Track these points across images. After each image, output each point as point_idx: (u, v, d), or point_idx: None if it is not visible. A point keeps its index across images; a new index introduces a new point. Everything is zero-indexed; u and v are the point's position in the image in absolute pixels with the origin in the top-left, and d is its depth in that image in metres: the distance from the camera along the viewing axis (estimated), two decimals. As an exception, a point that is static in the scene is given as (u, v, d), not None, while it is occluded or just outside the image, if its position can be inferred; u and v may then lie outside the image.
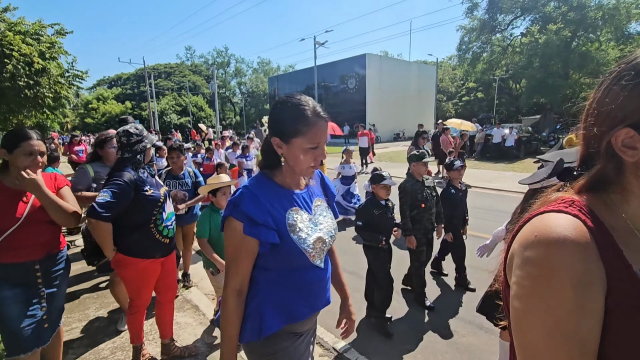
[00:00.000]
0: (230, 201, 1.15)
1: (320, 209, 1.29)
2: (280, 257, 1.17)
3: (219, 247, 2.63)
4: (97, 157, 2.99)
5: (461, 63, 25.02)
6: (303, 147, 1.10)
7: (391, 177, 2.99)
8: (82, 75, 12.37)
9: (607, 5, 17.45)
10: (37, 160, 1.84)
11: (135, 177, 2.13)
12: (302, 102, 1.11)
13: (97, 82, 57.18)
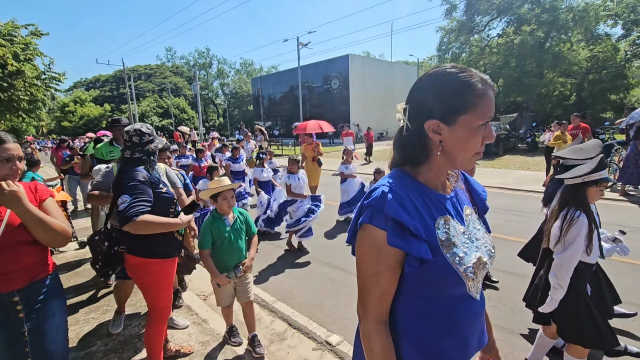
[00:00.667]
0: (368, 204, 0.89)
1: (472, 220, 1.01)
2: (428, 281, 0.91)
3: (224, 256, 2.54)
4: None
5: (441, 63, 25.57)
6: (473, 125, 0.85)
7: None
8: (59, 77, 12.06)
9: (577, 7, 18.24)
10: (15, 168, 1.55)
11: (148, 176, 2.07)
12: (464, 70, 0.87)
13: (74, 84, 55.36)
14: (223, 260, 2.52)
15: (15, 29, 10.56)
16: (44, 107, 13.50)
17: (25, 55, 10.44)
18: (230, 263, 2.52)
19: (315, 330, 2.97)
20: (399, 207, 0.85)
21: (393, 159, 1.01)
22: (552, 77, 20.45)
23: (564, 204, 2.04)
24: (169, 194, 2.17)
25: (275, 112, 39.24)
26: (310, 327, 3.01)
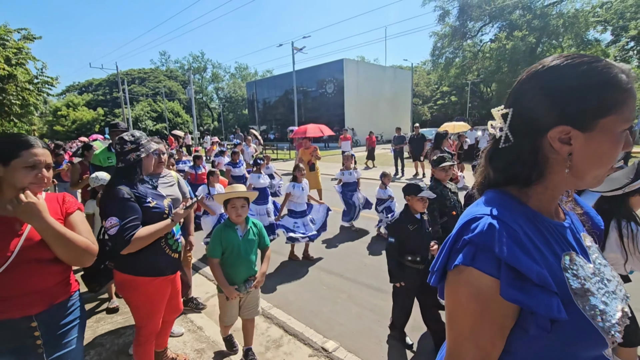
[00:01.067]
0: (470, 240, 0.67)
1: (597, 255, 0.77)
2: (554, 345, 0.66)
3: (232, 268, 2.39)
4: None
5: (435, 68, 25.88)
6: (616, 130, 0.64)
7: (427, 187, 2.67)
8: (52, 81, 11.97)
9: (567, 14, 18.62)
10: (41, 176, 1.37)
11: (133, 191, 1.91)
12: (598, 60, 0.66)
13: (66, 88, 54.92)
14: (232, 272, 2.37)
15: (8, 33, 10.47)
16: (36, 112, 13.36)
17: (18, 60, 10.35)
18: (239, 276, 2.39)
19: (311, 336, 2.96)
20: (515, 246, 0.63)
21: (486, 178, 0.79)
22: (544, 81, 20.80)
23: (610, 216, 1.88)
24: (158, 207, 2.01)
25: (270, 116, 39.25)
26: (307, 334, 3.00)
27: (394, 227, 2.72)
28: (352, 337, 2.99)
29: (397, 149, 11.69)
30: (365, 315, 3.29)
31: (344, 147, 13.18)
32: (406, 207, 2.74)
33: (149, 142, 2.07)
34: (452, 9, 22.05)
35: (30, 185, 1.34)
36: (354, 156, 6.07)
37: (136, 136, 2.03)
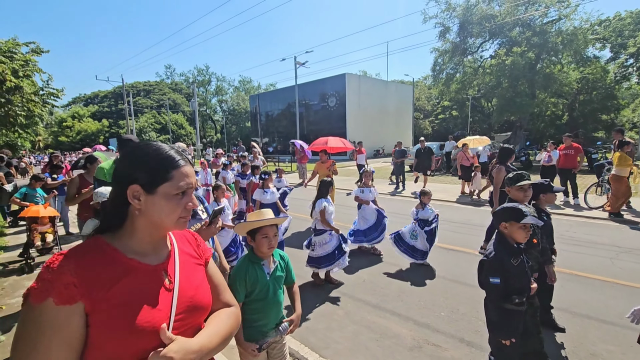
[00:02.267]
0: None
1: None
2: None
3: (261, 314, 1.92)
4: None
5: (436, 83, 26.12)
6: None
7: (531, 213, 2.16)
8: (57, 93, 12.15)
9: (566, 31, 18.86)
10: (192, 206, 0.95)
11: None
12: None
13: (72, 99, 55.79)
14: (260, 319, 1.91)
15: (16, 47, 10.71)
16: (41, 122, 13.53)
17: (25, 72, 10.55)
18: (269, 322, 1.94)
19: (306, 355, 2.89)
20: None
21: None
22: (544, 97, 20.93)
23: None
24: None
25: (273, 129, 39.55)
26: (302, 352, 2.93)
27: (498, 265, 2.14)
28: (348, 355, 2.92)
29: (398, 162, 11.71)
30: (362, 332, 3.22)
31: (359, 161, 12.76)
32: (501, 237, 2.23)
33: None
34: (452, 25, 22.40)
35: (178, 221, 0.93)
36: (373, 172, 5.63)
37: None
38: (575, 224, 6.68)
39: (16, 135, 13.02)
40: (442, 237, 6.05)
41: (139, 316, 0.84)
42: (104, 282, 0.83)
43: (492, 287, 2.15)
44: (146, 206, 0.87)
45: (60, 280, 0.79)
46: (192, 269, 1.03)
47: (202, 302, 1.00)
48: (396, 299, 3.85)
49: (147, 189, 0.87)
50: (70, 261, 0.82)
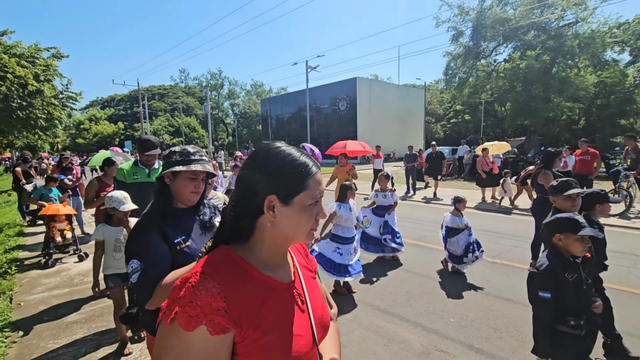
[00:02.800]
0: None
1: None
2: None
3: None
4: None
5: (448, 87, 25.89)
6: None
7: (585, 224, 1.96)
8: (75, 96, 12.51)
9: (583, 34, 18.47)
10: (323, 214, 0.86)
11: (163, 225, 1.45)
12: None
13: (90, 102, 57.36)
14: None
15: (38, 52, 11.10)
16: (60, 125, 13.94)
17: (45, 76, 10.92)
18: None
19: None
20: None
21: None
22: (560, 101, 20.50)
23: None
24: (190, 250, 1.47)
25: (283, 132, 39.79)
26: None
27: (549, 277, 1.93)
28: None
29: (409, 167, 11.64)
30: (370, 337, 3.21)
31: (376, 165, 12.38)
32: (555, 249, 2.03)
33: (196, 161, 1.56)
34: (465, 29, 22.21)
35: (309, 234, 0.84)
36: (390, 177, 5.39)
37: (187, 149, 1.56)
38: (501, 218, 6.49)
39: (36, 137, 13.44)
40: (453, 243, 5.98)
41: (291, 344, 0.76)
42: (251, 305, 0.73)
43: (540, 303, 1.93)
44: (280, 218, 0.77)
45: (210, 305, 0.67)
46: (313, 285, 0.94)
47: (327, 321, 0.91)
48: (405, 304, 3.82)
49: (284, 200, 0.76)
50: (214, 281, 0.70)
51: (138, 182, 3.12)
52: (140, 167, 3.22)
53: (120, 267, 2.85)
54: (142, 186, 3.12)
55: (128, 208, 2.83)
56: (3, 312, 3.54)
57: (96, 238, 2.85)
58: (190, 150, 1.55)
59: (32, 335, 3.18)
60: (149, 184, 3.06)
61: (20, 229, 7.35)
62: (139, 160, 3.23)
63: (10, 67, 9.58)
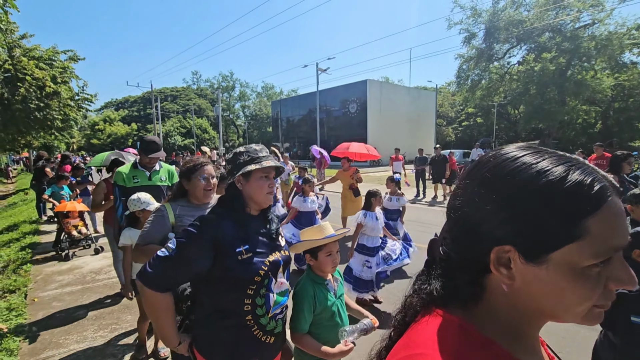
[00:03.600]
0: None
1: None
2: None
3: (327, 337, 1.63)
4: (182, 193, 2.02)
5: (460, 89, 25.65)
6: None
7: None
8: (91, 98, 12.81)
9: (600, 36, 18.08)
10: None
11: (217, 233, 1.29)
12: None
13: (104, 104, 58.68)
14: (326, 343, 1.61)
15: (55, 54, 11.41)
16: (75, 126, 14.29)
17: (62, 78, 11.21)
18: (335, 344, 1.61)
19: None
20: None
21: None
22: (575, 104, 20.09)
23: None
24: (253, 262, 1.31)
25: (293, 134, 39.94)
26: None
27: None
28: None
29: (419, 170, 11.53)
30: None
31: (396, 169, 11.86)
32: (634, 265, 1.80)
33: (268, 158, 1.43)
34: (478, 31, 21.99)
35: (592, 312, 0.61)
36: (398, 181, 5.17)
37: (255, 149, 1.43)
38: None
39: (53, 137, 13.81)
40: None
41: None
42: None
43: (631, 331, 1.62)
44: (523, 281, 0.47)
45: None
46: None
47: None
48: (413, 308, 3.77)
49: (530, 254, 0.45)
50: None
51: (138, 187, 2.95)
52: (140, 169, 3.04)
53: None
54: (143, 190, 2.94)
55: (154, 207, 2.51)
56: (18, 308, 3.63)
57: (124, 243, 2.66)
58: (257, 148, 1.43)
59: (45, 330, 3.25)
60: (150, 188, 2.96)
61: (35, 227, 7.53)
62: (139, 162, 3.07)
63: (29, 69, 9.87)
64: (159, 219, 1.88)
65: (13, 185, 19.42)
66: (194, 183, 1.94)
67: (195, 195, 1.96)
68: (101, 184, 3.90)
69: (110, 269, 4.87)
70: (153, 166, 3.07)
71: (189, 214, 1.91)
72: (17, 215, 9.19)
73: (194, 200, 1.99)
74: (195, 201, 1.99)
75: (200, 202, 1.98)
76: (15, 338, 3.06)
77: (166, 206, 1.93)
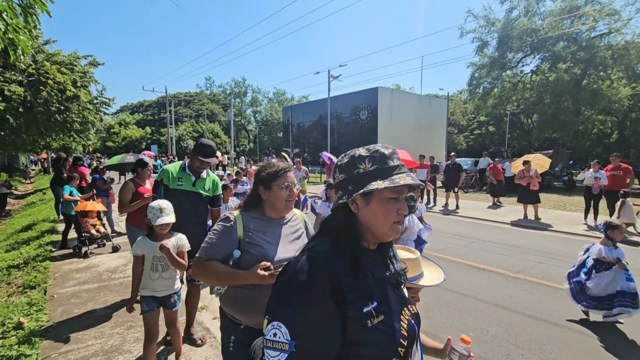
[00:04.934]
0: None
1: None
2: None
3: None
4: (257, 202, 1.69)
5: (472, 97, 25.44)
6: None
7: None
8: (109, 102, 13.19)
9: (617, 45, 17.79)
10: None
11: (336, 271, 0.86)
12: None
13: (120, 108, 60.02)
14: None
15: (76, 59, 11.82)
16: (92, 129, 14.71)
17: (82, 82, 11.60)
18: None
19: None
20: None
21: None
22: (591, 114, 19.74)
23: None
24: (387, 331, 0.86)
25: (304, 140, 40.15)
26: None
27: None
28: None
29: (431, 177, 11.49)
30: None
31: (419, 177, 11.09)
32: None
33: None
34: (491, 40, 21.81)
35: None
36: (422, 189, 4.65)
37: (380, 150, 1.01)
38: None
39: (71, 139, 14.24)
40: (475, 256, 5.87)
41: None
42: None
43: None
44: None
45: None
46: None
47: None
48: (423, 316, 3.76)
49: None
50: None
51: (180, 190, 2.84)
52: (187, 173, 2.90)
53: (157, 290, 2.50)
54: (183, 195, 2.85)
55: (164, 221, 2.38)
56: (38, 303, 3.76)
57: (135, 253, 2.51)
58: (385, 152, 0.98)
59: (64, 326, 3.36)
60: (191, 195, 2.87)
61: (53, 226, 7.76)
62: (188, 166, 2.93)
63: (51, 73, 10.25)
64: (226, 231, 1.59)
65: (31, 185, 20.01)
66: (275, 192, 1.62)
67: (275, 206, 1.64)
68: (128, 184, 3.86)
69: (126, 269, 5.00)
70: (201, 172, 2.97)
71: (261, 230, 1.62)
72: (35, 215, 9.47)
73: (271, 213, 1.67)
74: (272, 214, 1.67)
75: (279, 215, 1.69)
76: (37, 332, 3.18)
77: (236, 216, 1.63)
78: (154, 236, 2.49)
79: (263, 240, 1.61)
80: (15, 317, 3.44)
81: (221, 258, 1.58)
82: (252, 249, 1.58)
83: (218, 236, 1.59)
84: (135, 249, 2.51)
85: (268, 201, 1.65)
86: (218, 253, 1.58)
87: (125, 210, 3.79)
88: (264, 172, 1.66)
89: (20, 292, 4.26)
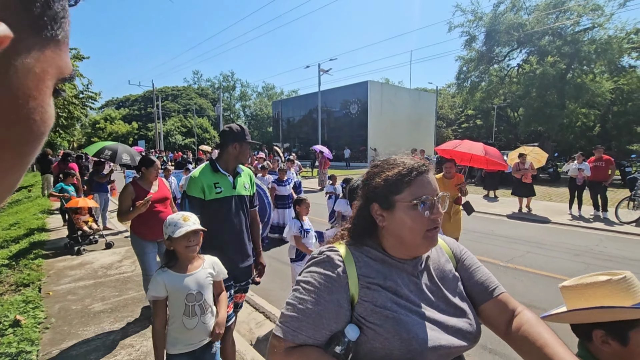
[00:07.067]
0: None
1: None
2: None
3: None
4: (371, 231, 0.99)
5: (460, 91, 25.77)
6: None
7: None
8: (95, 96, 12.88)
9: (600, 40, 18.24)
10: None
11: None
12: None
13: (105, 102, 58.61)
14: None
15: (61, 53, 11.49)
16: (78, 124, 14.38)
17: (67, 76, 11.29)
18: None
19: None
20: None
21: None
22: (575, 108, 20.24)
23: None
24: None
25: (294, 134, 40.05)
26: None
27: None
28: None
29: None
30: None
31: None
32: None
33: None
34: (478, 34, 22.09)
35: None
36: None
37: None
38: (606, 239, 6.47)
39: (56, 135, 13.90)
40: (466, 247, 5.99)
41: None
42: None
43: None
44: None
45: None
46: None
47: None
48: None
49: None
50: None
51: (221, 199, 2.12)
52: (222, 173, 2.18)
53: (193, 342, 1.73)
54: (226, 205, 2.15)
55: (190, 229, 1.64)
56: (34, 300, 3.73)
57: (156, 295, 1.67)
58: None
59: (63, 322, 3.35)
60: (236, 201, 2.20)
61: (43, 223, 7.62)
62: (218, 163, 2.21)
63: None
64: (329, 288, 0.86)
65: (15, 183, 19.41)
66: (403, 214, 0.90)
67: (403, 239, 0.92)
68: (128, 188, 3.23)
69: (121, 265, 4.98)
70: (236, 168, 2.26)
71: (387, 285, 0.89)
72: (22, 212, 9.28)
73: (397, 251, 0.94)
74: (399, 252, 0.94)
75: (413, 255, 0.95)
76: (35, 329, 3.17)
77: (344, 257, 0.91)
78: (179, 263, 1.71)
79: (395, 305, 0.86)
80: (11, 315, 3.41)
81: (322, 340, 0.85)
82: (377, 323, 0.84)
83: (313, 297, 0.85)
84: (154, 289, 1.66)
85: (389, 230, 0.93)
86: (318, 332, 0.84)
87: (125, 219, 3.21)
88: (380, 178, 0.94)
89: (13, 291, 4.21)
